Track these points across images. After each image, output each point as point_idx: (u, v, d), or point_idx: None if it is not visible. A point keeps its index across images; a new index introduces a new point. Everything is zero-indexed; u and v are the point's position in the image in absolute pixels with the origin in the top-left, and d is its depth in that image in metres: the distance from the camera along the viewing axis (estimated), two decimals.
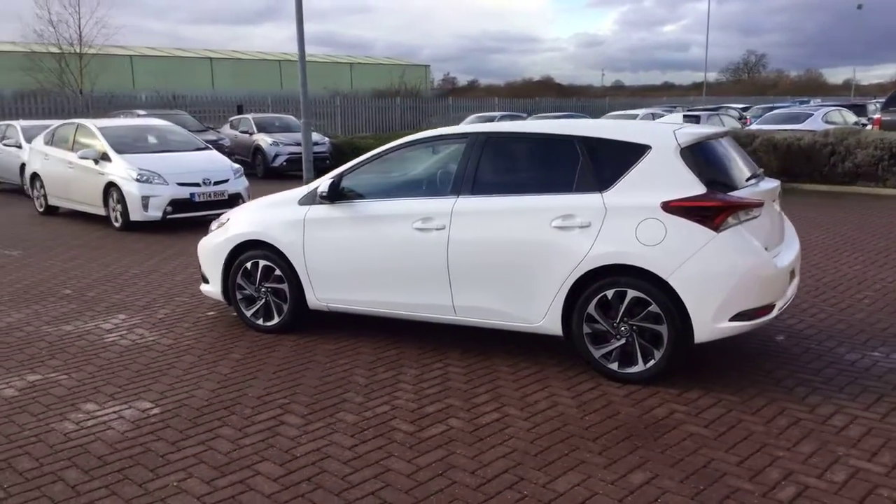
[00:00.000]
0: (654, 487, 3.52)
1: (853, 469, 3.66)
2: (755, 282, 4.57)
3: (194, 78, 71.96)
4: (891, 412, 4.30)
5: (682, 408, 4.43)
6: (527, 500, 3.44)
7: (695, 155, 4.81)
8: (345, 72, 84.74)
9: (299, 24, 15.14)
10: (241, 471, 3.75)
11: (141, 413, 4.49)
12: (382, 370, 5.14)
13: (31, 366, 5.35)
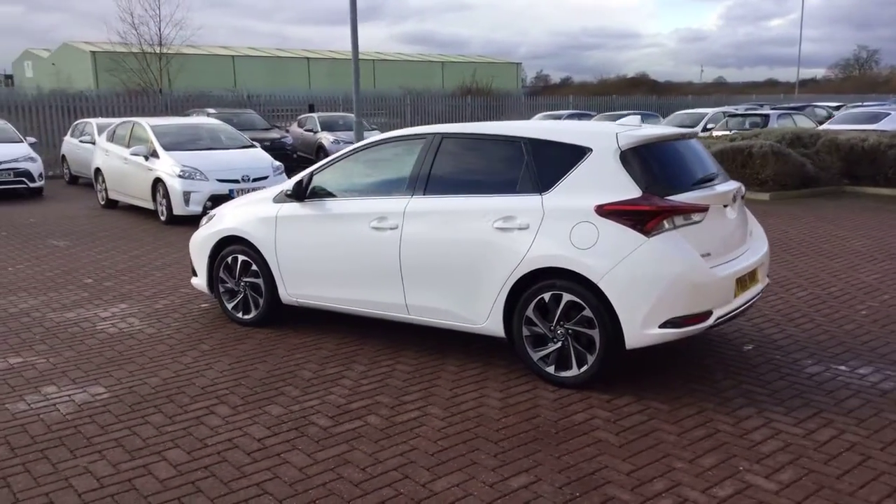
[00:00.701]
0: (528, 492, 3.52)
1: (744, 485, 3.55)
2: (686, 289, 4.46)
3: (292, 77, 74.10)
4: (820, 428, 4.14)
5: (605, 414, 4.38)
6: (400, 497, 3.50)
7: (637, 158, 4.72)
8: (436, 70, 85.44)
9: (353, 24, 15.42)
10: (150, 456, 3.95)
11: (90, 397, 4.77)
12: (332, 366, 5.27)
13: (19, 349, 5.74)
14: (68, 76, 62.80)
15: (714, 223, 4.78)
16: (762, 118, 19.47)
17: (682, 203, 4.58)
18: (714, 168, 5.22)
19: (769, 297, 6.87)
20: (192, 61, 74.50)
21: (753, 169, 13.77)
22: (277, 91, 31.17)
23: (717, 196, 4.86)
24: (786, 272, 7.87)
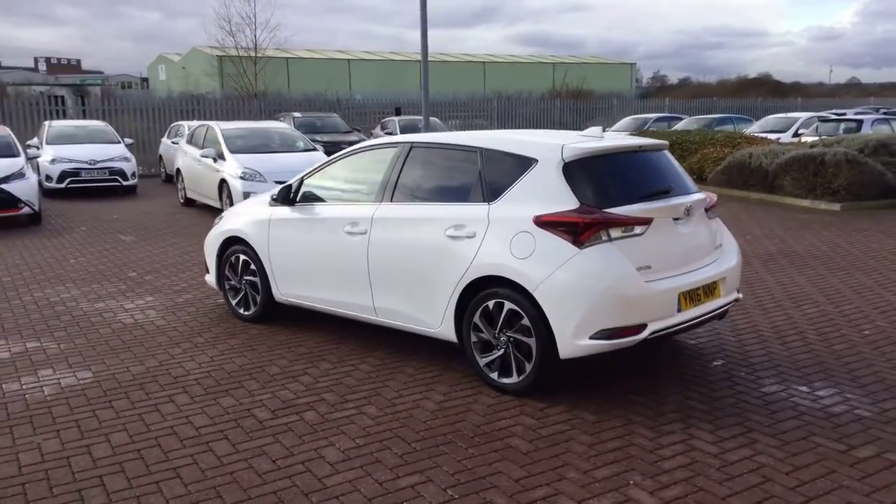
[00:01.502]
0: (412, 491, 3.68)
1: (623, 499, 3.58)
2: (616, 301, 4.48)
3: (405, 80, 75.52)
4: (737, 448, 4.09)
5: (530, 421, 4.46)
6: (293, 489, 3.73)
7: (580, 170, 4.77)
8: (547, 72, 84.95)
9: (423, 27, 15.76)
10: (97, 437, 4.35)
11: (76, 381, 5.25)
12: (301, 363, 5.57)
13: (41, 335, 6.33)
14: (196, 79, 66.44)
15: (660, 236, 4.76)
16: (856, 124, 18.48)
17: (618, 215, 4.60)
18: (674, 181, 5.16)
19: (773, 311, 6.68)
20: (309, 64, 77.30)
21: (825, 178, 13.17)
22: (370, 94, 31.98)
23: (665, 209, 4.83)
24: (809, 287, 7.59)
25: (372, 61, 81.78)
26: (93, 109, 23.09)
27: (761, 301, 7.08)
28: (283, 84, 59.31)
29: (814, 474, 3.79)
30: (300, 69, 75.22)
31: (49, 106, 22.71)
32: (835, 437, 4.19)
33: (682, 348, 5.77)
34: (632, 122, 24.51)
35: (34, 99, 25.60)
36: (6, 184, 12.00)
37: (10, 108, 21.65)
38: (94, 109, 23.08)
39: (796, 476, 3.77)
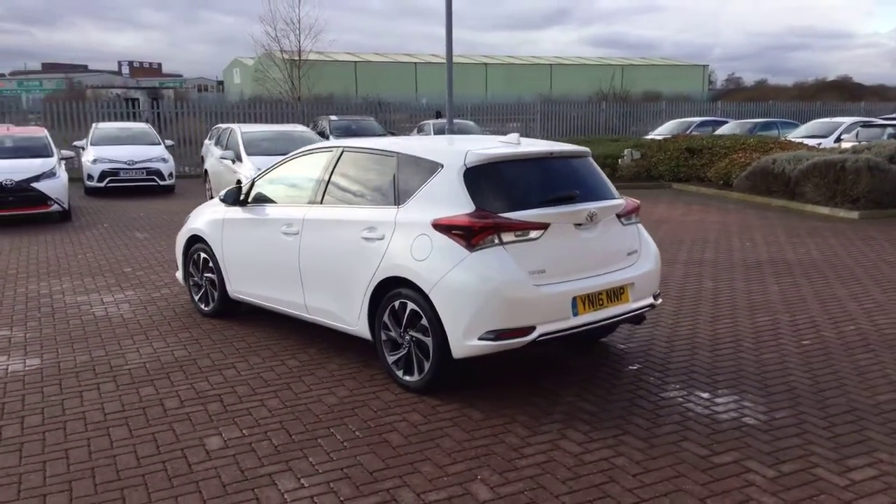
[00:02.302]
0: (268, 478, 3.89)
1: (463, 492, 3.70)
2: (502, 303, 4.59)
3: (470, 83, 75.78)
4: (600, 450, 4.16)
5: (418, 418, 4.61)
6: (160, 473, 3.98)
7: (481, 175, 4.89)
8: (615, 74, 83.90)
9: (448, 28, 15.96)
10: (13, 417, 4.69)
11: (22, 367, 5.63)
12: (234, 357, 5.83)
13: (14, 324, 6.78)
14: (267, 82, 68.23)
15: (559, 241, 4.84)
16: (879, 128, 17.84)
17: (510, 220, 4.70)
18: (586, 187, 5.21)
19: (723, 320, 6.64)
20: (377, 68, 78.33)
21: (845, 185, 12.81)
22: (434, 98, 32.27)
23: (564, 215, 4.90)
24: (775, 296, 7.49)
25: (438, 64, 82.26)
26: (165, 112, 24.06)
27: (718, 310, 7.03)
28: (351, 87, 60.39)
29: (659, 477, 3.83)
30: (368, 73, 76.21)
31: (124, 108, 23.73)
32: (704, 444, 4.21)
33: (609, 352, 5.81)
34: (676, 126, 24.18)
35: (111, 101, 26.85)
36: (37, 182, 12.71)
37: (90, 110, 22.75)
38: (166, 112, 24.02)
39: (640, 478, 3.82)
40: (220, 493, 3.74)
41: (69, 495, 3.74)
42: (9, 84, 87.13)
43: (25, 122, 23.14)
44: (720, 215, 13.28)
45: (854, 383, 5.12)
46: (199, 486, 3.82)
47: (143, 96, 51.51)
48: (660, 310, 6.95)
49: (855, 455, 4.07)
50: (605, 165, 17.87)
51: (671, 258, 9.40)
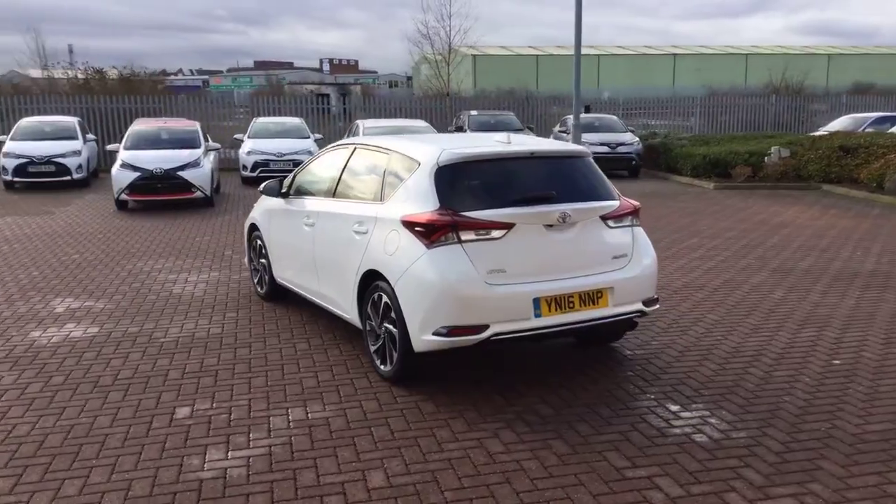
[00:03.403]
0: (201, 447, 4.27)
1: (361, 477, 3.88)
2: (453, 300, 4.68)
3: (656, 75, 73.58)
4: (521, 451, 4.17)
5: (374, 406, 4.83)
6: (123, 434, 4.48)
7: (452, 174, 4.99)
8: (820, 63, 78.09)
9: (577, 16, 15.77)
10: (43, 377, 5.41)
11: (81, 334, 6.42)
12: (257, 339, 6.30)
13: (100, 297, 7.69)
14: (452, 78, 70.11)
15: (526, 242, 4.84)
16: None
17: (470, 219, 4.77)
18: (568, 188, 5.14)
19: (760, 331, 6.27)
20: (558, 61, 77.88)
21: None
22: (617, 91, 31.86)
23: (532, 215, 4.88)
24: (842, 310, 6.91)
25: (623, 56, 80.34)
26: (352, 106, 25.57)
27: (765, 322, 6.62)
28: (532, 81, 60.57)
29: (556, 484, 3.81)
30: (550, 66, 75.96)
31: (315, 104, 25.49)
32: (630, 456, 4.10)
33: (610, 357, 5.70)
34: (849, 122, 22.22)
35: (305, 96, 28.97)
36: (182, 171, 14.07)
37: (284, 105, 24.65)
38: (353, 107, 25.54)
39: (537, 483, 3.82)
40: (157, 455, 4.14)
41: (39, 445, 4.29)
42: (224, 80, 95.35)
43: (234, 114, 25.53)
44: (854, 221, 12.20)
45: (852, 410, 4.70)
46: (145, 448, 4.26)
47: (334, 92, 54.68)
48: (697, 318, 6.66)
49: (785, 483, 3.79)
50: (747, 164, 16.90)
51: (759, 266, 8.86)
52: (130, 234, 11.45)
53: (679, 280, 8.17)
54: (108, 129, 22.62)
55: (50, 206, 14.61)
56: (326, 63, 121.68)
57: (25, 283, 8.24)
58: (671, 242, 10.40)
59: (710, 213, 13.22)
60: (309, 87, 61.07)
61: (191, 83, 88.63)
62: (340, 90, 58.64)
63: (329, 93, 52.15)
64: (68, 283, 8.24)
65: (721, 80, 62.67)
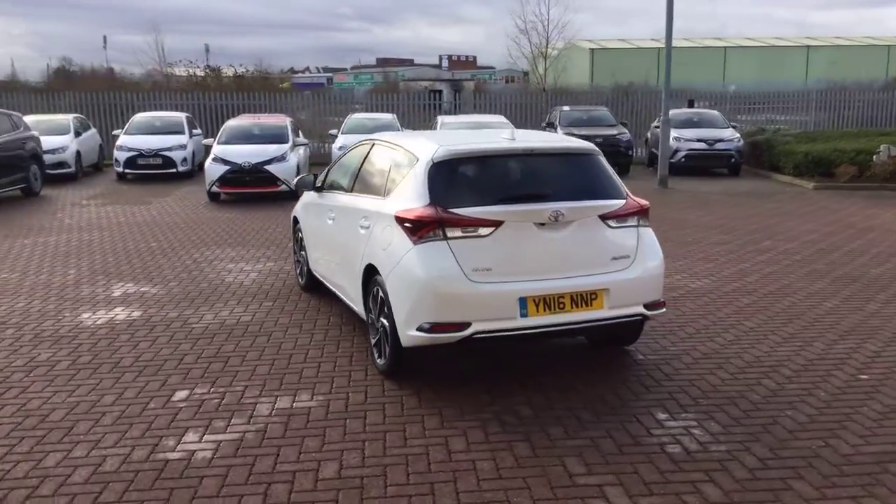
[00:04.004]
0: (179, 429, 4.47)
1: (317, 467, 3.97)
2: (434, 296, 4.68)
3: (787, 68, 70.12)
4: (481, 452, 4.14)
5: (360, 398, 4.90)
6: (119, 412, 4.75)
7: (445, 170, 4.99)
8: None
9: (669, 9, 15.28)
10: (70, 355, 5.80)
11: (125, 317, 6.83)
12: (279, 326, 6.50)
13: (157, 282, 8.13)
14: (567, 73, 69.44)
15: (515, 240, 4.78)
16: None
17: (456, 216, 4.75)
18: (574, 186, 5.05)
19: (791, 341, 5.96)
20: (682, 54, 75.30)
21: None
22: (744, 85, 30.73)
23: (522, 213, 4.81)
24: (890, 324, 6.43)
25: (752, 48, 76.97)
26: (464, 102, 25.88)
27: (802, 332, 6.26)
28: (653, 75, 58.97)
29: (501, 486, 3.76)
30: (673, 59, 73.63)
31: (429, 100, 26.00)
32: (590, 463, 3.99)
33: (620, 360, 5.56)
34: None
35: (419, 93, 29.56)
36: (269, 165, 14.63)
37: (400, 101, 25.30)
38: (464, 103, 25.84)
39: (483, 484, 3.79)
40: (140, 434, 4.37)
41: (42, 418, 4.62)
42: (347, 77, 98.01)
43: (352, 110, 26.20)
44: None
45: (856, 429, 4.38)
46: (132, 427, 4.49)
47: (447, 88, 55.15)
48: (731, 325, 6.39)
49: (744, 502, 3.58)
50: (853, 163, 15.88)
51: (825, 272, 8.35)
52: (211, 224, 12.01)
53: (730, 284, 7.80)
54: (218, 124, 23.72)
55: (150, 196, 15.51)
56: (445, 59, 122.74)
57: (98, 268, 8.81)
58: (742, 245, 9.94)
59: (800, 215, 12.53)
60: (423, 84, 61.86)
61: (315, 80, 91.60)
62: (453, 86, 59.14)
63: (442, 89, 52.66)
64: (135, 269, 8.75)
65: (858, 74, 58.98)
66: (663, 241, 9.97)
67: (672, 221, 11.86)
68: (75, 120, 20.00)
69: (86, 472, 3.94)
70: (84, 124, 20.63)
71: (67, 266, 8.96)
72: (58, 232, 11.34)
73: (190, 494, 3.71)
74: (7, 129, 15.30)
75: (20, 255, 9.62)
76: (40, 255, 9.64)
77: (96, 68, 46.93)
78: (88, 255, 9.63)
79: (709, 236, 10.60)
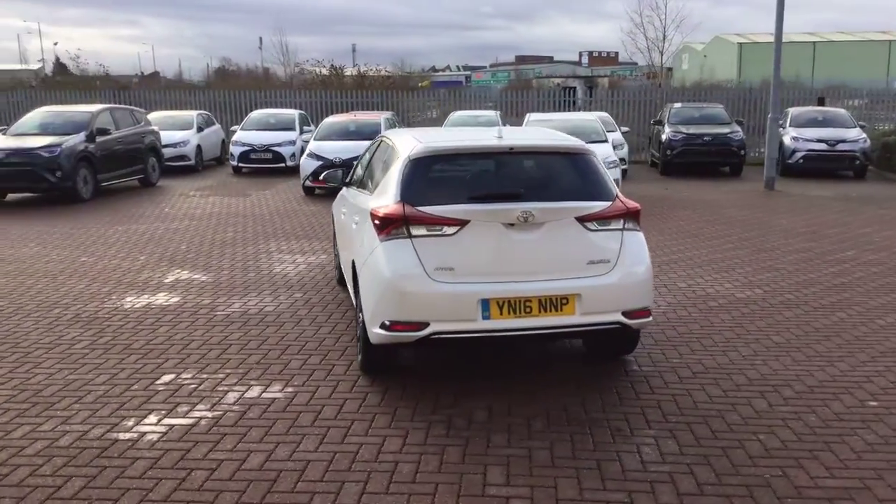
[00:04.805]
0: None
1: (245, 460, 4.06)
2: (393, 295, 4.66)
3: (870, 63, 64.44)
4: (412, 454, 4.09)
5: (326, 392, 4.95)
6: (127, 393, 5.04)
7: (419, 167, 4.95)
8: None
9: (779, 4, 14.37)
10: (106, 335, 6.19)
11: (162, 304, 7.21)
12: (299, 318, 6.66)
13: (210, 272, 8.51)
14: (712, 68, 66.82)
15: (480, 240, 4.67)
16: None
17: (421, 214, 4.70)
18: (555, 186, 4.90)
19: (813, 360, 5.50)
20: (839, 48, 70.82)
21: None
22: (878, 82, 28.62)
23: (489, 213, 4.68)
24: None
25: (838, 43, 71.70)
26: (598, 100, 25.14)
27: (826, 350, 5.74)
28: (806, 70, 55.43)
29: (406, 490, 3.71)
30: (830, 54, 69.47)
31: (561, 97, 25.69)
32: (515, 474, 3.85)
33: (614, 371, 5.31)
34: None
35: (551, 90, 29.33)
36: None
37: (530, 99, 25.26)
38: (598, 100, 25.09)
39: (396, 486, 3.72)
40: (108, 413, 4.61)
41: (35, 392, 4.95)
42: (484, 76, 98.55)
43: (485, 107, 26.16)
44: None
45: (828, 459, 3.99)
46: (105, 406, 4.75)
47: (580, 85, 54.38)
48: (755, 339, 5.98)
49: None
50: None
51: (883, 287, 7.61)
52: (292, 217, 12.44)
53: (782, 296, 7.26)
54: None
55: (253, 189, 16.24)
56: (585, 56, 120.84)
57: (167, 255, 9.33)
58: (821, 254, 9.22)
59: None
60: (556, 81, 61.08)
61: (454, 79, 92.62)
62: (587, 83, 58.10)
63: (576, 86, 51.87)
64: (199, 258, 9.20)
65: None
66: (736, 247, 9.48)
67: (758, 226, 11.17)
68: (199, 116, 21.25)
69: (41, 445, 4.20)
70: (208, 120, 21.87)
71: (142, 252, 9.53)
72: (153, 220, 12.09)
73: (116, 474, 3.87)
74: (129, 124, 16.47)
75: (108, 241, 10.33)
76: (125, 241, 10.32)
77: (251, 68, 49.44)
78: (167, 242, 10.20)
79: (791, 243, 9.90)
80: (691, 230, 10.89)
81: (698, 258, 8.98)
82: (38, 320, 6.62)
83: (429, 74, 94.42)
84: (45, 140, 14.07)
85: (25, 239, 10.50)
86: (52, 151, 13.73)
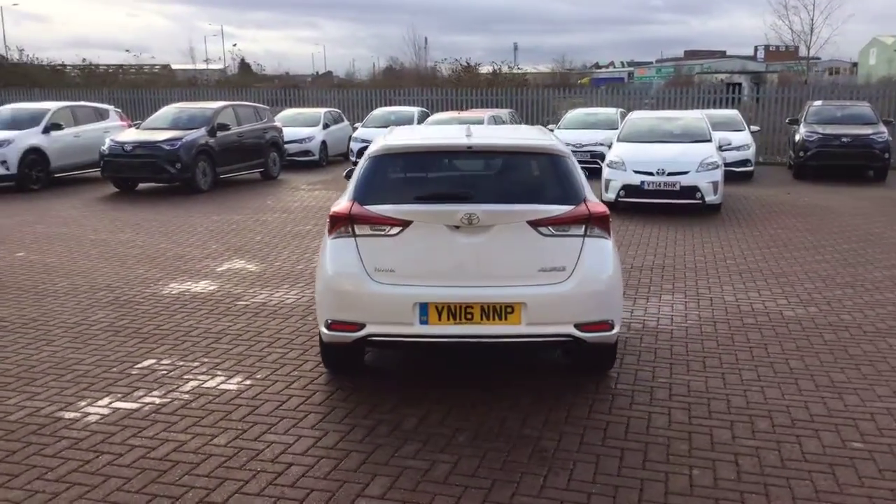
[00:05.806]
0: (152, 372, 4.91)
1: (169, 443, 4.16)
2: (332, 294, 4.62)
3: None
4: (350, 453, 4.01)
5: (298, 389, 4.97)
6: (106, 373, 5.33)
7: (375, 166, 4.88)
8: None
9: None
10: (200, 318, 6.57)
11: (198, 291, 7.52)
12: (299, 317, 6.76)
13: (266, 262, 8.79)
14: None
15: (423, 242, 4.53)
16: None
17: (363, 213, 4.62)
18: (514, 188, 4.68)
19: (820, 392, 4.89)
20: None
21: None
22: None
23: (430, 214, 4.51)
24: None
25: None
26: (767, 97, 23.48)
27: (844, 381, 5.08)
28: None
29: (275, 493, 3.63)
30: None
31: (724, 94, 24.46)
32: (394, 486, 3.68)
33: (586, 388, 4.97)
34: None
35: (713, 87, 28.09)
36: None
37: (690, 96, 24.05)
38: (767, 97, 23.47)
39: (268, 489, 3.67)
40: (72, 392, 4.86)
41: (27, 369, 5.32)
42: (649, 72, 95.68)
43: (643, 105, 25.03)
44: None
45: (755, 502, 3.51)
46: (73, 385, 5.01)
47: (746, 81, 51.68)
48: (760, 364, 5.41)
49: None
50: None
51: None
52: None
53: (834, 316, 6.52)
54: None
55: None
56: (761, 50, 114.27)
57: (236, 245, 9.72)
58: (846, 263, 8.18)
59: None
60: (720, 76, 58.32)
61: (615, 76, 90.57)
62: (754, 79, 54.95)
63: (741, 81, 49.24)
64: (262, 249, 9.52)
65: None
66: (824, 260, 8.60)
67: (864, 238, 10.09)
68: (327, 113, 22.01)
69: None
70: (336, 117, 22.62)
71: (216, 241, 9.98)
72: (251, 211, 12.59)
73: (35, 450, 4.07)
74: (252, 120, 17.35)
75: (195, 229, 10.90)
76: (211, 230, 10.84)
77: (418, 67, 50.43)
78: (245, 232, 10.62)
79: (890, 258, 8.88)
80: (783, 239, 10.01)
81: (767, 270, 8.24)
82: (81, 301, 7.09)
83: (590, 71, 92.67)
84: (169, 134, 15.09)
85: (125, 224, 11.29)
86: (173, 145, 14.69)
